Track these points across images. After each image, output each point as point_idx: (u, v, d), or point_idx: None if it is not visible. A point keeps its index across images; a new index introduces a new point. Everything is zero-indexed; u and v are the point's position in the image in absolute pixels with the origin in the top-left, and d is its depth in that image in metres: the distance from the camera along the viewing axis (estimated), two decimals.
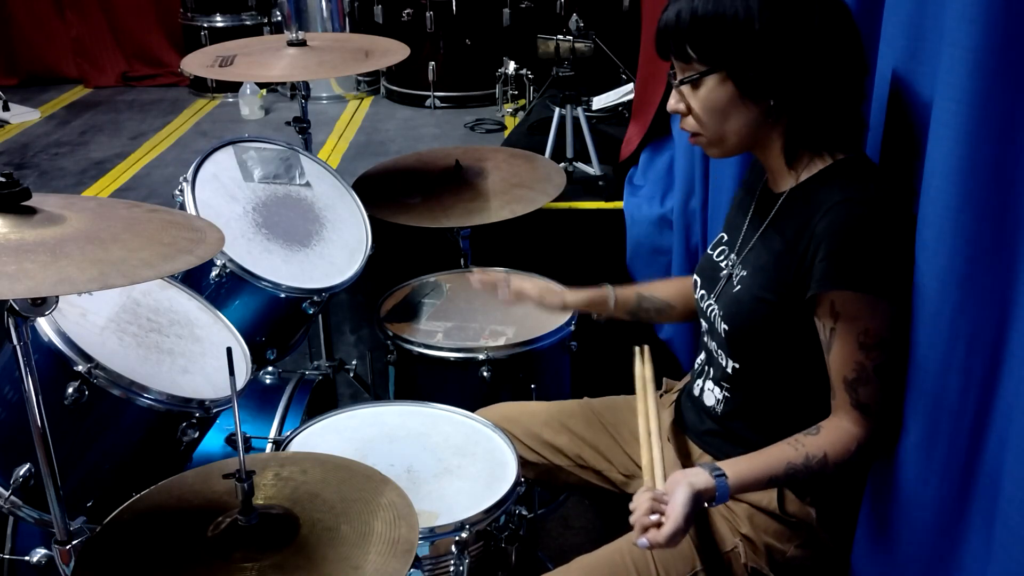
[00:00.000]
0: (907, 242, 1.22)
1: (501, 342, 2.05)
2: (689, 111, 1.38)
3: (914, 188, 1.21)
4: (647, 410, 1.54)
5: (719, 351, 1.49)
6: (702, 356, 1.59)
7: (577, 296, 1.78)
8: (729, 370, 1.47)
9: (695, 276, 1.58)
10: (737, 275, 1.45)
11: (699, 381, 1.57)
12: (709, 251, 1.58)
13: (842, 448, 1.32)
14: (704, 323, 1.55)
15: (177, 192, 1.95)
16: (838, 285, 1.27)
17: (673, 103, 1.40)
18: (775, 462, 1.34)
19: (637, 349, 1.66)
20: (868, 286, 1.26)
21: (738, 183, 1.67)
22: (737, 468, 1.34)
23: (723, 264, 1.51)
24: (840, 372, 1.31)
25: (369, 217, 2.18)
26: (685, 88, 1.36)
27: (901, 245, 1.23)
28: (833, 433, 1.33)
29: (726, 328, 1.43)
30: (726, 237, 1.55)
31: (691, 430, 1.58)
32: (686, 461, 1.57)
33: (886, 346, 1.28)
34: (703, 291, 1.54)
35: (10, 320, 1.17)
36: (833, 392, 1.34)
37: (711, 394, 1.53)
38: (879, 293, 1.26)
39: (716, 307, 1.48)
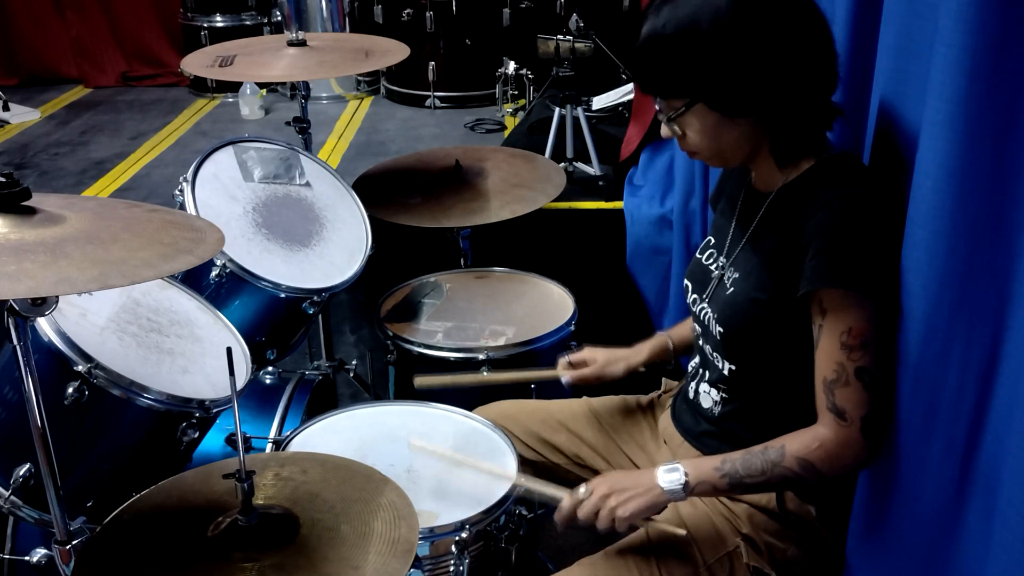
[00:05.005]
0: (894, 241, 1.22)
1: (501, 342, 2.05)
2: (683, 135, 1.39)
3: (903, 188, 1.21)
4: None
5: (714, 353, 1.49)
6: (696, 359, 1.59)
7: (640, 356, 1.76)
8: (726, 372, 1.47)
9: (686, 280, 1.59)
10: (729, 277, 1.45)
11: (694, 383, 1.57)
12: (698, 255, 1.58)
13: (801, 444, 1.32)
14: (698, 326, 1.55)
15: (177, 192, 1.95)
16: (827, 283, 1.28)
17: (666, 131, 1.41)
18: (732, 451, 1.37)
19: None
20: (854, 283, 1.27)
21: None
22: (694, 460, 1.40)
23: (712, 267, 1.52)
24: (821, 373, 1.31)
25: (369, 217, 2.18)
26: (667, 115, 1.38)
27: (888, 244, 1.24)
28: (800, 431, 1.34)
29: (721, 331, 1.43)
30: (713, 240, 1.56)
31: (687, 432, 1.58)
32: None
33: (868, 348, 1.27)
34: (695, 295, 1.54)
35: (10, 320, 1.17)
36: (816, 394, 1.34)
37: (708, 396, 1.53)
38: (865, 292, 1.27)
39: (709, 310, 1.48)
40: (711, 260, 1.53)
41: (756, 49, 1.27)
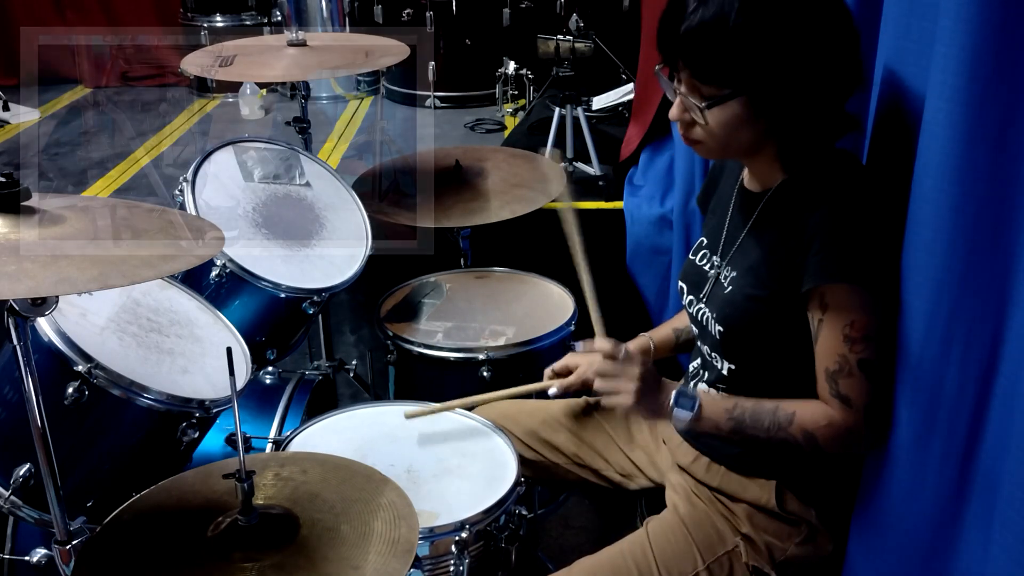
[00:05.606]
0: (895, 238, 1.22)
1: (501, 342, 2.05)
2: (694, 123, 1.34)
3: (903, 188, 1.21)
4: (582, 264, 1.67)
5: (713, 354, 1.49)
6: (696, 361, 1.59)
7: None
8: (725, 372, 1.47)
9: (680, 283, 1.59)
10: (726, 276, 1.45)
11: (693, 384, 1.57)
12: (691, 256, 1.58)
13: (812, 416, 1.33)
14: (696, 328, 1.55)
15: (177, 192, 1.95)
16: (831, 278, 1.28)
17: (677, 113, 1.36)
18: (748, 399, 1.39)
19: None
20: (858, 278, 1.27)
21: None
22: (711, 399, 1.42)
23: (707, 267, 1.52)
24: (823, 363, 1.32)
25: (369, 217, 2.18)
26: (694, 100, 1.32)
27: (889, 240, 1.24)
28: (811, 403, 1.35)
29: (720, 330, 1.43)
30: (706, 241, 1.56)
31: (686, 432, 1.58)
32: (682, 461, 1.57)
33: (871, 341, 1.28)
34: (691, 296, 1.54)
35: (10, 320, 1.17)
36: (817, 384, 1.35)
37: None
38: (868, 286, 1.27)
39: (707, 310, 1.48)
40: (704, 260, 1.53)
41: (819, 53, 1.25)
